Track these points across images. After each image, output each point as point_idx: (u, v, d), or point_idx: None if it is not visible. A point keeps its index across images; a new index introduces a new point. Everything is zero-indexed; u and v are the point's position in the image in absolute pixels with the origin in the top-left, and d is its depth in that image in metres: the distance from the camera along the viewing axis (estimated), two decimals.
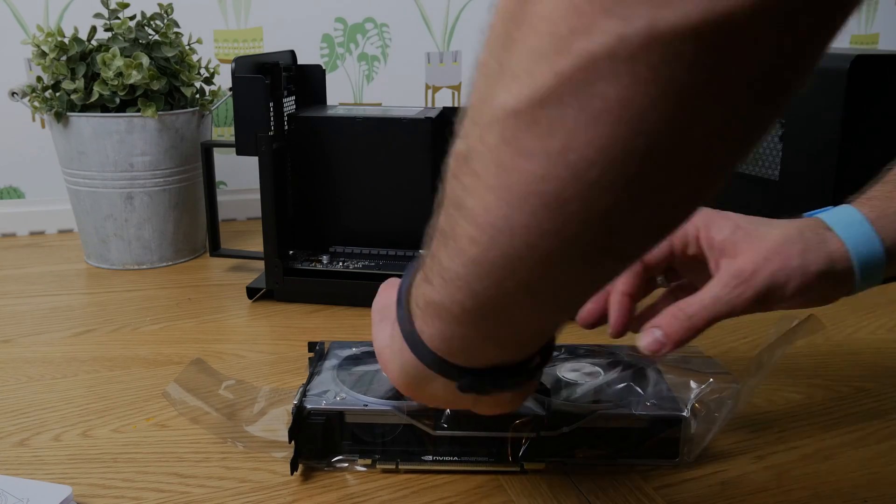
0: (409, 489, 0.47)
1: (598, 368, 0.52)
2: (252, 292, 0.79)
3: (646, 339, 0.44)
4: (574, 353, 0.55)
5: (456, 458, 0.48)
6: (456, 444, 0.48)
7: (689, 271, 0.51)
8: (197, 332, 0.71)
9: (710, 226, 0.47)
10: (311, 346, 0.56)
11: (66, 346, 0.68)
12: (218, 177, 0.93)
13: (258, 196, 0.75)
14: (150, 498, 0.46)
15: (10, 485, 0.44)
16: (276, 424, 0.51)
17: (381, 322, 0.43)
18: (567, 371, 0.52)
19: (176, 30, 0.89)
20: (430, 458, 0.48)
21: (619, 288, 0.49)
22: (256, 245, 0.83)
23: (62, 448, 0.51)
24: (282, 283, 0.77)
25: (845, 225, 0.46)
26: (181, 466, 0.49)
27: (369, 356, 0.54)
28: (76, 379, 0.61)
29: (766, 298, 0.44)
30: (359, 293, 0.75)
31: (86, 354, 0.66)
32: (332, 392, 0.49)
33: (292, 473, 0.47)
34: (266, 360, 0.65)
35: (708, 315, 0.44)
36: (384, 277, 0.74)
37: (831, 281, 0.46)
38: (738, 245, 0.46)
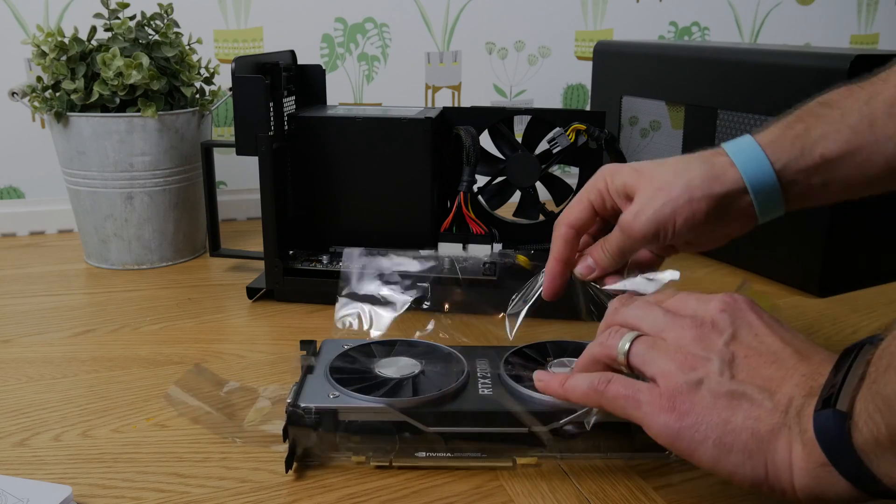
0: (409, 489, 0.47)
1: None
2: (252, 292, 0.79)
3: (580, 266, 0.54)
4: (565, 350, 0.55)
5: (449, 455, 0.48)
6: (449, 440, 0.48)
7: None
8: (197, 332, 0.71)
9: (613, 176, 0.52)
10: (304, 344, 0.56)
11: (66, 346, 0.68)
12: (218, 177, 0.93)
13: (258, 196, 0.75)
14: (150, 498, 0.46)
15: (10, 485, 0.44)
16: (275, 422, 0.52)
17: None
18: (558, 368, 0.52)
19: (176, 30, 0.89)
20: (423, 454, 0.48)
21: (553, 255, 0.55)
22: (256, 245, 0.83)
23: (62, 448, 0.51)
24: (282, 283, 0.77)
25: (738, 150, 0.49)
26: (181, 466, 0.49)
27: (361, 353, 0.54)
28: (76, 379, 0.61)
29: (657, 232, 0.49)
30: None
31: (86, 354, 0.66)
32: (326, 390, 0.49)
33: (287, 471, 0.47)
34: (266, 360, 0.65)
35: (615, 251, 0.52)
36: None
37: (724, 205, 0.49)
38: (635, 186, 0.51)
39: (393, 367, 0.52)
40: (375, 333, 0.57)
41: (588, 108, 1.24)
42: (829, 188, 0.49)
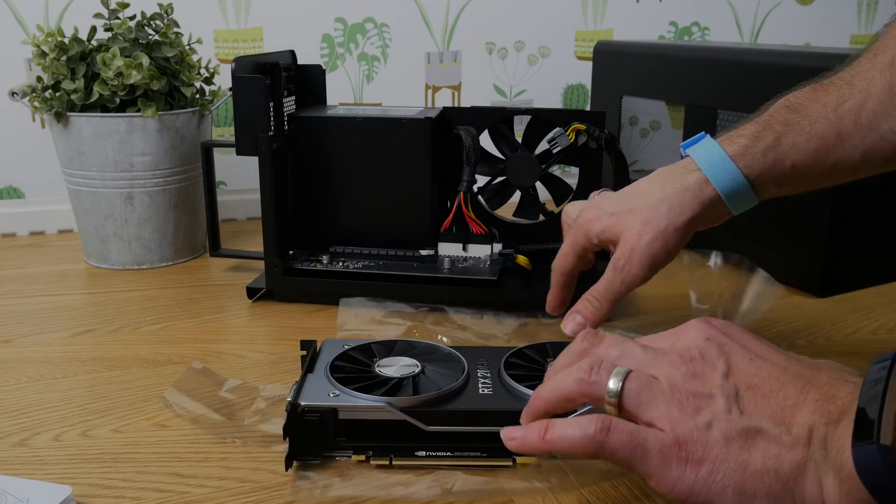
0: (410, 489, 0.47)
1: None
2: (252, 292, 0.79)
3: (569, 324, 0.54)
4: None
5: (449, 454, 0.48)
6: (449, 439, 0.48)
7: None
8: (197, 332, 0.71)
9: (591, 226, 0.54)
10: (304, 344, 0.56)
11: (66, 346, 0.68)
12: (218, 177, 0.93)
13: (258, 196, 0.75)
14: (150, 498, 0.46)
15: (10, 485, 0.44)
16: (274, 421, 0.52)
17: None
18: None
19: (176, 30, 0.89)
20: (423, 453, 0.48)
21: (550, 304, 0.59)
22: (256, 245, 0.83)
23: (62, 448, 0.51)
24: (282, 283, 0.77)
25: (710, 164, 0.51)
26: (181, 466, 0.49)
27: (361, 353, 0.55)
28: (76, 379, 0.61)
29: (654, 265, 0.51)
30: (359, 293, 0.75)
31: (86, 354, 0.66)
32: (326, 389, 0.49)
33: (287, 470, 0.47)
34: (266, 360, 0.65)
35: (610, 297, 0.52)
36: (384, 277, 0.74)
37: (703, 216, 0.52)
38: (618, 229, 0.52)
39: (393, 367, 0.52)
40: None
41: (588, 108, 1.24)
42: (797, 185, 0.52)
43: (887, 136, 0.47)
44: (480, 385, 0.51)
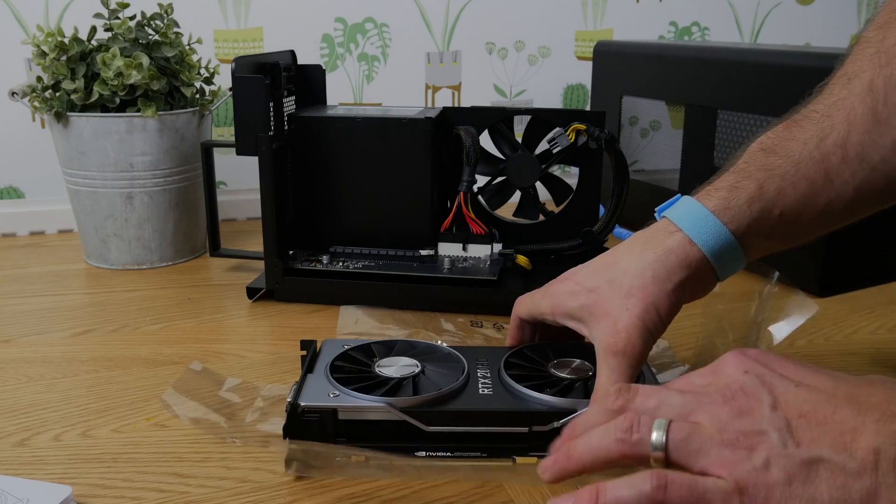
0: (410, 489, 0.47)
1: (588, 364, 0.52)
2: (252, 292, 0.79)
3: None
4: (563, 352, 0.55)
5: (449, 454, 0.48)
6: (449, 439, 0.48)
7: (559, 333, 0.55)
8: (197, 332, 0.71)
9: (564, 300, 0.50)
10: (304, 344, 0.56)
11: (66, 346, 0.68)
12: (218, 177, 0.93)
13: (258, 196, 0.75)
14: (150, 498, 0.46)
15: (10, 485, 0.44)
16: (274, 421, 0.52)
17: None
18: (558, 369, 0.52)
19: (176, 30, 0.89)
20: (423, 454, 0.48)
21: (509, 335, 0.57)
22: (256, 245, 0.83)
23: (62, 448, 0.51)
24: (282, 283, 0.77)
25: (693, 224, 0.47)
26: (181, 466, 0.49)
27: (361, 353, 0.55)
28: (76, 379, 0.61)
29: (652, 338, 0.46)
30: (359, 293, 0.75)
31: (86, 354, 0.66)
32: (326, 389, 0.49)
33: (287, 470, 0.47)
34: (266, 360, 0.65)
35: (616, 380, 0.46)
36: (384, 277, 0.75)
37: (691, 282, 0.47)
38: (599, 307, 0.48)
39: (393, 367, 0.52)
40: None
41: (588, 108, 1.24)
42: (789, 238, 0.48)
43: (879, 167, 0.44)
44: (480, 385, 0.51)
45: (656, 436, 0.36)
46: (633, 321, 0.46)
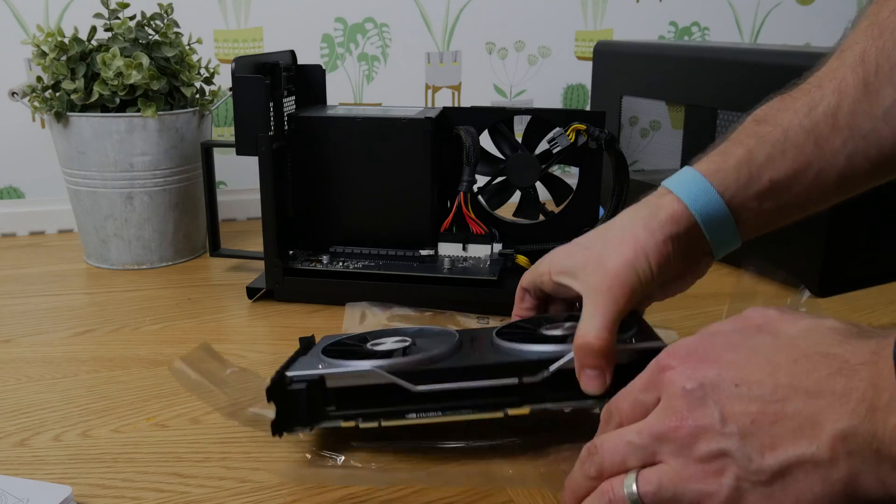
0: (410, 489, 0.47)
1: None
2: (252, 292, 0.79)
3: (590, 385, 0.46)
4: (553, 320, 0.54)
5: (440, 413, 0.47)
6: (438, 398, 0.47)
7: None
8: (197, 332, 0.71)
9: (561, 259, 0.51)
10: (302, 341, 0.56)
11: (66, 346, 0.68)
12: (218, 177, 0.93)
13: (258, 196, 0.75)
14: (150, 498, 0.46)
15: (10, 485, 0.44)
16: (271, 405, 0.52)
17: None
18: (548, 329, 0.51)
19: (176, 30, 0.89)
20: (413, 415, 0.47)
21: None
22: (256, 245, 0.83)
23: (62, 448, 0.51)
24: (282, 283, 0.77)
25: (682, 185, 0.48)
26: (181, 466, 0.49)
27: (355, 339, 0.54)
28: (76, 379, 0.61)
29: (640, 283, 0.46)
30: (359, 293, 0.75)
31: (86, 354, 0.66)
32: (316, 364, 0.49)
33: (273, 435, 0.47)
34: (266, 360, 0.65)
35: (606, 335, 0.45)
36: (384, 277, 0.75)
37: (684, 244, 0.47)
38: (592, 259, 0.48)
39: (384, 344, 0.52)
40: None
41: (588, 108, 1.24)
42: (783, 211, 0.48)
43: (870, 136, 0.44)
44: (471, 351, 0.50)
45: (630, 498, 0.35)
46: (622, 262, 0.46)
